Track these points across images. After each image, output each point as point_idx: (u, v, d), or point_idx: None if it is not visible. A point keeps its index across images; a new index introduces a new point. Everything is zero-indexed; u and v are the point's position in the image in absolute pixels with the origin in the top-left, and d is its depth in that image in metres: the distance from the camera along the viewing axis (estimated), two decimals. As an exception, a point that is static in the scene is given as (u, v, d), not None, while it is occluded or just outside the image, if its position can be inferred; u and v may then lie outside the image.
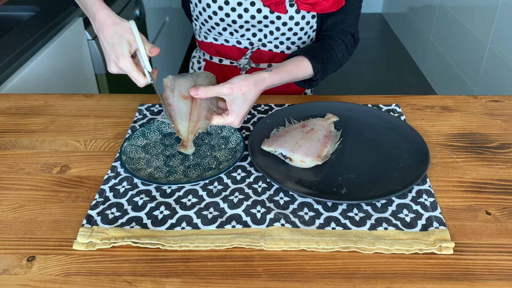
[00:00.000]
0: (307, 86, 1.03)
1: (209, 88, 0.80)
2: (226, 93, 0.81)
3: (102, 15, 0.83)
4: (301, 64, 0.94)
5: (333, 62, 1.00)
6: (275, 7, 0.98)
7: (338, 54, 1.01)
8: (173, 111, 0.85)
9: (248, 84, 0.82)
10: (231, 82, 0.81)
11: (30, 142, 0.93)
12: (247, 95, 0.82)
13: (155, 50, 0.83)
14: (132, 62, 0.82)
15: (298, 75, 0.94)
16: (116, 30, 0.81)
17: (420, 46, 3.42)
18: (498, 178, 0.82)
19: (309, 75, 0.96)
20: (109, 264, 0.66)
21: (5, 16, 1.66)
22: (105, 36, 0.82)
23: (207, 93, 0.80)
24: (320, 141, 0.87)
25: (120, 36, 0.81)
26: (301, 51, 0.96)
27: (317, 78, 0.98)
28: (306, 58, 0.95)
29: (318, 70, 0.96)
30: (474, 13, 2.49)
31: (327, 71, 0.99)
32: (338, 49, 1.01)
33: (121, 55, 0.81)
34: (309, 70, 0.95)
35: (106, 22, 0.82)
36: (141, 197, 0.77)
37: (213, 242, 0.69)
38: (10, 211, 0.76)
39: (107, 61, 0.84)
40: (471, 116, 0.99)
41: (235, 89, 0.81)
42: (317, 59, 0.96)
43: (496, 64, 2.26)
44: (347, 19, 1.03)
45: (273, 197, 0.77)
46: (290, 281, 0.63)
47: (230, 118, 0.84)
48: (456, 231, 0.71)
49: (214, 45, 1.12)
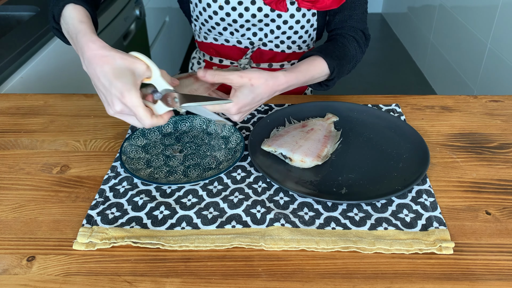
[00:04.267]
0: (323, 88, 0.98)
1: (218, 72, 0.76)
2: (234, 80, 0.76)
3: (93, 48, 0.69)
4: (315, 63, 0.89)
5: (348, 59, 0.96)
6: (276, 5, 0.97)
7: (351, 50, 0.97)
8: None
9: (260, 77, 0.77)
10: (243, 71, 0.77)
11: (30, 142, 0.93)
12: (256, 87, 0.77)
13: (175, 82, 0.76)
14: (140, 96, 0.68)
15: (314, 75, 0.89)
16: (115, 61, 0.68)
17: (420, 46, 3.42)
18: (498, 178, 0.82)
19: (325, 74, 0.91)
20: (109, 264, 0.66)
21: (5, 16, 1.66)
22: (102, 70, 0.67)
23: (214, 77, 0.77)
24: (320, 141, 0.87)
25: (125, 67, 0.68)
26: (314, 51, 0.92)
27: (334, 77, 0.93)
28: (320, 56, 0.90)
29: (334, 67, 0.91)
30: (474, 13, 2.49)
31: (343, 68, 0.94)
32: (351, 45, 0.98)
33: (126, 89, 0.66)
34: (325, 68, 0.90)
35: (99, 55, 0.68)
36: (141, 197, 0.77)
37: (213, 242, 0.69)
38: (10, 211, 0.76)
39: (104, 102, 0.70)
40: (471, 116, 0.99)
41: (244, 77, 0.76)
42: (331, 56, 0.91)
43: (496, 64, 2.26)
44: (354, 14, 1.00)
45: (273, 197, 0.77)
46: (290, 281, 0.63)
47: (229, 105, 0.76)
48: (456, 231, 0.71)
49: (214, 45, 1.12)
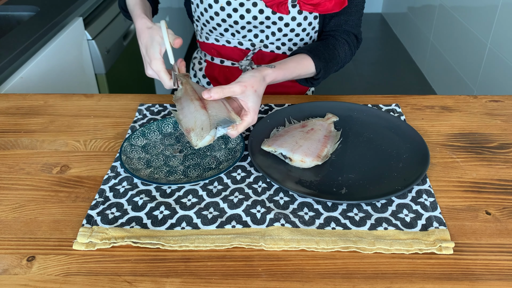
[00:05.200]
0: (308, 85, 1.03)
1: (223, 88, 0.79)
2: (239, 92, 0.80)
3: (139, 23, 0.92)
4: (303, 62, 0.94)
5: (336, 61, 1.01)
6: (278, 8, 0.98)
7: (341, 54, 1.02)
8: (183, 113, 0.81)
9: (258, 80, 0.83)
10: (242, 81, 0.81)
11: (30, 142, 0.93)
12: (259, 91, 0.82)
13: (177, 42, 0.85)
14: (162, 63, 0.86)
15: (301, 73, 0.94)
16: (150, 33, 0.88)
17: (420, 46, 3.42)
18: (498, 178, 0.82)
19: (312, 73, 0.97)
20: (109, 264, 0.66)
21: (5, 16, 1.66)
22: (142, 41, 0.89)
23: (220, 94, 0.79)
24: (320, 141, 0.87)
25: (152, 39, 0.87)
26: (304, 49, 0.97)
27: (319, 77, 0.99)
28: (309, 56, 0.95)
29: (320, 69, 0.96)
30: (474, 13, 2.49)
31: (329, 70, 1.00)
32: (341, 49, 1.02)
33: (153, 57, 0.86)
34: (312, 68, 0.96)
35: (141, 29, 0.90)
36: (141, 197, 0.77)
37: (213, 242, 0.69)
38: (10, 211, 0.76)
39: (144, 65, 0.90)
40: (471, 116, 0.99)
41: (247, 86, 0.80)
42: (320, 57, 0.96)
43: (496, 64, 2.26)
44: (350, 20, 1.03)
45: (273, 197, 0.77)
46: (290, 281, 0.63)
47: (250, 116, 0.81)
48: (456, 231, 0.71)
49: (215, 46, 1.12)
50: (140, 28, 0.91)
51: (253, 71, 0.84)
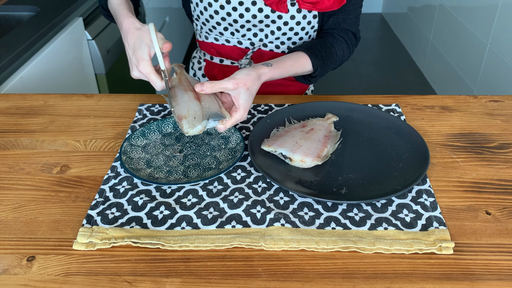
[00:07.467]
0: (306, 82, 1.04)
1: (215, 83, 0.81)
2: (231, 88, 0.81)
3: (126, 23, 0.88)
4: (301, 60, 0.95)
5: (333, 59, 1.02)
6: (277, 6, 0.98)
7: (338, 52, 1.02)
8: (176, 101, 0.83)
9: (252, 78, 0.83)
10: (236, 77, 0.82)
11: (30, 142, 0.93)
12: (251, 89, 0.83)
13: (166, 46, 0.83)
14: (151, 65, 0.84)
15: (298, 71, 0.95)
16: (138, 35, 0.85)
17: (420, 46, 3.42)
18: (498, 178, 0.82)
19: (309, 71, 0.98)
20: (109, 264, 0.66)
21: (5, 16, 1.66)
22: (129, 42, 0.86)
23: (212, 88, 0.81)
24: (320, 141, 0.87)
25: (141, 41, 0.84)
26: (302, 47, 0.98)
27: (316, 75, 1.00)
28: (306, 54, 0.96)
29: (317, 66, 0.97)
30: (474, 13, 2.49)
31: (326, 68, 1.00)
32: (338, 47, 1.02)
33: (141, 59, 0.83)
34: (309, 66, 0.97)
35: (129, 29, 0.87)
36: (141, 197, 0.77)
37: (213, 242, 0.69)
38: (10, 211, 0.76)
39: (130, 66, 0.87)
40: (471, 116, 0.99)
41: (240, 84, 0.82)
42: (317, 55, 0.97)
43: (496, 64, 2.26)
44: (348, 18, 1.04)
45: (273, 197, 0.77)
46: (290, 281, 0.63)
47: (239, 113, 0.83)
48: (456, 231, 0.71)
49: (215, 45, 1.12)
50: (127, 28, 0.88)
51: (249, 68, 0.85)
